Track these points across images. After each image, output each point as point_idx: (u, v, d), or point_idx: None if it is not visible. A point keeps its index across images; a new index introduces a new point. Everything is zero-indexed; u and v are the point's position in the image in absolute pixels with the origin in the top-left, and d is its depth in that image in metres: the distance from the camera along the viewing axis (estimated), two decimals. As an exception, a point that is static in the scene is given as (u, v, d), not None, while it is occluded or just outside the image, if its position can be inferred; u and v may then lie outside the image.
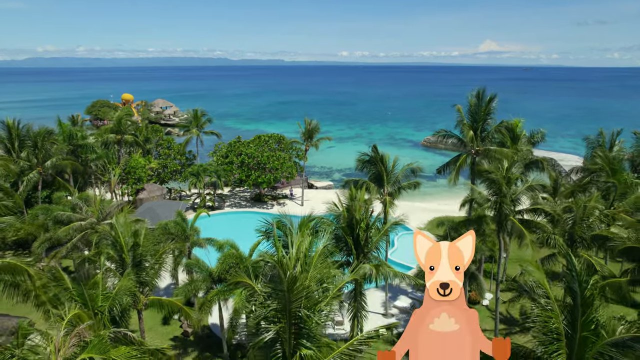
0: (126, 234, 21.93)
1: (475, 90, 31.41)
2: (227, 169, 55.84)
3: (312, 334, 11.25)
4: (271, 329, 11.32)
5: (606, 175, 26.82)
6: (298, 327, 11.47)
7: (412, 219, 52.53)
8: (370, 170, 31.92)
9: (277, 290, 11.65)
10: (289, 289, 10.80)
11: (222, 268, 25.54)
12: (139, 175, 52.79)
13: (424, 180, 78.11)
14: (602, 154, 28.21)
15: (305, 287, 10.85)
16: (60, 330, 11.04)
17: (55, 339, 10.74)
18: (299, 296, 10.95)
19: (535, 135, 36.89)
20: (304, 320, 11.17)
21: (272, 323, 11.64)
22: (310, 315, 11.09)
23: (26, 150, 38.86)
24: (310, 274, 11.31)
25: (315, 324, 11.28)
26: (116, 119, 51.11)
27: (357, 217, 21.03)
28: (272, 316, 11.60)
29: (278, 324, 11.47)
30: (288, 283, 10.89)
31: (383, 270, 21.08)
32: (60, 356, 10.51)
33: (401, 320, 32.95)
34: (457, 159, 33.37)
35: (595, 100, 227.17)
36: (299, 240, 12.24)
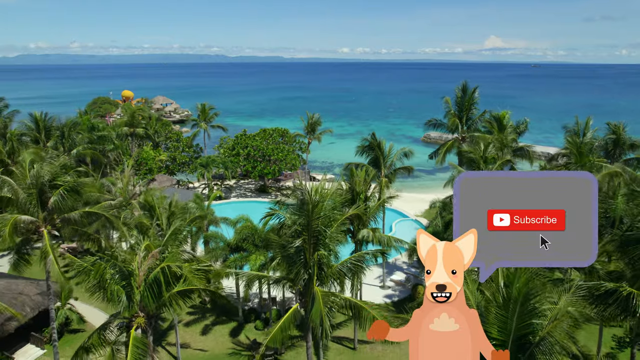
0: (160, 204, 26.78)
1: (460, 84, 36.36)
2: (234, 161, 60.74)
3: (326, 244, 16.36)
4: (298, 240, 16.41)
5: (574, 157, 31.62)
6: (316, 239, 16.59)
7: (411, 207, 57.54)
8: (369, 155, 36.92)
9: (303, 211, 16.60)
10: (312, 209, 15.86)
11: (239, 237, 30.39)
12: (150, 166, 57.69)
13: (422, 174, 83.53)
14: (570, 139, 33.09)
15: (321, 209, 15.89)
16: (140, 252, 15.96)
17: (138, 257, 15.64)
18: (317, 215, 16.03)
19: (520, 125, 41.85)
20: (320, 233, 16.28)
21: (298, 237, 16.75)
22: (325, 230, 16.20)
23: (53, 139, 43.77)
24: (325, 203, 16.39)
25: (329, 238, 16.37)
26: (130, 113, 55.95)
27: (357, 189, 25.84)
28: (298, 231, 16.69)
29: (302, 236, 16.55)
30: (311, 206, 15.94)
31: (378, 233, 25.93)
32: (144, 266, 15.36)
33: (397, 292, 37.82)
34: (446, 144, 38.33)
35: (601, 97, 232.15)
36: (314, 186, 17.30)
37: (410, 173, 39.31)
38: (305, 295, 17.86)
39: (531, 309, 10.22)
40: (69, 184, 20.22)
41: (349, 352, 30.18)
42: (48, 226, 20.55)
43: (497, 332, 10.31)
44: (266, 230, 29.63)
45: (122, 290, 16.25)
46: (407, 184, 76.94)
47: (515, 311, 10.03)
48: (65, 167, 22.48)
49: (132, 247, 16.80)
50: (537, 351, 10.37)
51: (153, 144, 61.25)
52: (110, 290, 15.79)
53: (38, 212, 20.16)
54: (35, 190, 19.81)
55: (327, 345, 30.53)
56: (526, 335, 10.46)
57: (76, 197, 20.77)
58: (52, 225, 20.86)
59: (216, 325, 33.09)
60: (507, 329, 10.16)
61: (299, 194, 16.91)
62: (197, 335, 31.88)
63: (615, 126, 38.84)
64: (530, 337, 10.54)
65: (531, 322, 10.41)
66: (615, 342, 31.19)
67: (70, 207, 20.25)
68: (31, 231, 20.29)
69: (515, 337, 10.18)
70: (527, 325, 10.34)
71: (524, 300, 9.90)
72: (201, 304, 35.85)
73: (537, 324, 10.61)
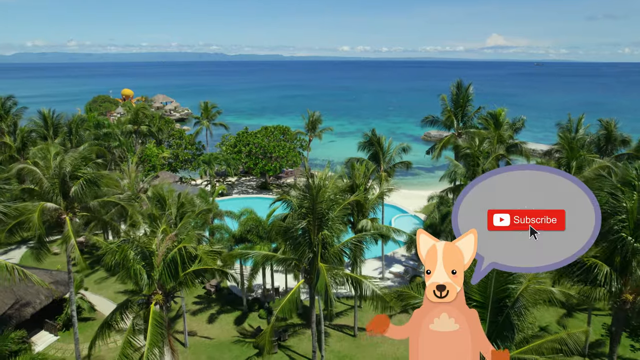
0: (169, 196, 28.55)
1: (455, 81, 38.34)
2: (236, 158, 62.53)
3: (329, 226, 18.27)
4: (304, 222, 18.33)
5: (565, 152, 33.37)
6: (320, 220, 18.47)
7: (410, 203, 59.36)
8: (370, 150, 38.80)
9: (309, 195, 18.39)
10: (316, 193, 17.74)
11: (244, 229, 32.16)
12: (153, 163, 59.47)
13: (422, 172, 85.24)
14: (562, 135, 34.88)
15: (325, 193, 17.80)
16: (159, 234, 17.80)
17: (157, 239, 17.45)
18: (321, 199, 17.89)
19: (517, 122, 43.73)
20: (324, 215, 18.16)
21: (303, 218, 18.64)
22: (328, 212, 18.10)
23: (61, 136, 45.55)
24: (329, 186, 18.32)
25: (331, 220, 18.28)
26: (134, 111, 57.73)
27: (357, 182, 27.62)
28: (303, 213, 18.56)
29: (307, 218, 18.42)
30: (315, 190, 17.80)
31: (377, 224, 27.73)
32: (162, 247, 17.18)
33: (395, 283, 39.58)
34: (442, 140, 40.25)
35: (603, 95, 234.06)
36: (320, 173, 19.20)
37: (409, 168, 41.26)
38: (310, 273, 19.72)
39: (507, 275, 11.97)
40: (88, 175, 22.00)
41: (349, 339, 31.94)
42: (69, 213, 22.31)
43: (478, 296, 12.04)
44: (270, 221, 31.41)
45: (143, 270, 18.03)
46: (407, 181, 78.83)
47: (493, 278, 11.77)
48: (85, 159, 24.25)
49: (147, 234, 18.59)
50: (511, 312, 12.15)
51: (156, 141, 63.02)
52: (134, 269, 17.56)
53: (60, 200, 21.94)
54: (58, 180, 21.61)
55: (328, 333, 32.30)
56: (503, 299, 12.20)
57: (94, 188, 22.54)
58: (73, 213, 22.63)
59: (221, 314, 34.84)
60: (487, 293, 11.88)
61: (304, 180, 18.85)
62: (204, 323, 33.62)
63: (607, 123, 40.65)
64: (506, 301, 12.29)
65: (507, 287, 12.16)
66: (605, 329, 32.96)
67: (91, 196, 22.08)
68: (54, 218, 22.06)
69: (494, 300, 11.90)
70: (503, 289, 12.08)
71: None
72: (206, 294, 37.62)
73: (513, 289, 12.38)
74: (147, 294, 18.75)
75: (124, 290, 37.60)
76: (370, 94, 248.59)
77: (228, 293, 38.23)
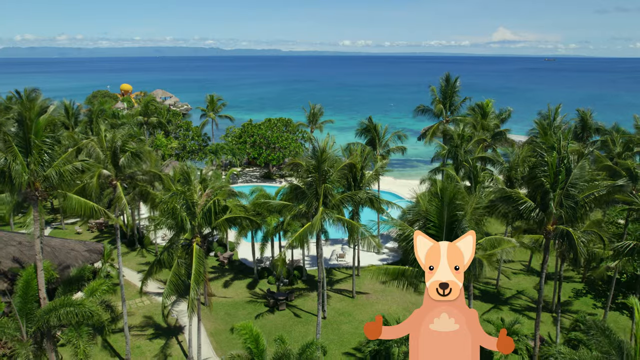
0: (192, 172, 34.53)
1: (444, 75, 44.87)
2: (242, 148, 68.67)
3: (331, 180, 24.85)
4: (311, 175, 24.91)
5: (540, 136, 39.28)
6: (324, 176, 24.89)
7: (407, 191, 65.33)
8: (366, 136, 44.99)
9: (315, 157, 24.79)
10: (320, 153, 24.17)
11: (256, 202, 38.16)
12: (163, 152, 65.58)
13: (420, 164, 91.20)
14: (538, 122, 40.88)
15: (327, 154, 24.37)
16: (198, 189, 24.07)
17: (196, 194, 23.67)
18: (325, 159, 24.32)
19: (503, 113, 49.94)
20: (327, 172, 24.69)
21: (311, 174, 25.22)
22: (330, 169, 24.61)
23: (81, 125, 51.59)
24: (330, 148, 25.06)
25: (332, 175, 24.83)
26: (144, 103, 63.83)
27: (354, 161, 33.66)
28: (310, 171, 25.10)
29: (313, 174, 24.95)
30: (320, 151, 24.21)
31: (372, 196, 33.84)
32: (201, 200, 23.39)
33: (390, 257, 45.70)
34: (432, 127, 46.67)
35: (607, 91, 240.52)
36: (323, 141, 25.83)
37: (404, 153, 47.51)
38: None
39: (455, 206, 17.97)
40: (134, 149, 28.02)
41: (348, 300, 38.05)
42: (119, 180, 28.32)
43: (436, 219, 17.99)
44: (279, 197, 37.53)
45: (187, 218, 24.04)
46: (405, 173, 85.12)
47: (446, 207, 17.68)
48: (131, 136, 30.28)
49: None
50: (459, 232, 18.10)
51: (165, 132, 69.15)
52: (181, 216, 23.58)
53: (112, 169, 27.89)
54: (110, 152, 27.59)
55: (329, 295, 38.39)
56: (454, 222, 18.11)
57: (137, 161, 28.58)
58: (121, 180, 28.62)
59: (235, 280, 40.98)
60: (442, 217, 17.79)
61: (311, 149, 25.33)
62: (220, 287, 39.72)
63: (583, 112, 46.92)
64: (456, 223, 18.23)
65: (456, 214, 18.11)
66: (573, 293, 39.09)
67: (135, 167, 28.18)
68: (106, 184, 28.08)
69: (447, 223, 17.79)
70: (453, 215, 18.00)
71: (449, 200, 17.69)
72: (220, 265, 43.71)
73: (460, 214, 18.40)
74: (189, 238, 24.78)
75: (145, 262, 43.77)
76: (371, 90, 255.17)
77: (239, 264, 44.36)
